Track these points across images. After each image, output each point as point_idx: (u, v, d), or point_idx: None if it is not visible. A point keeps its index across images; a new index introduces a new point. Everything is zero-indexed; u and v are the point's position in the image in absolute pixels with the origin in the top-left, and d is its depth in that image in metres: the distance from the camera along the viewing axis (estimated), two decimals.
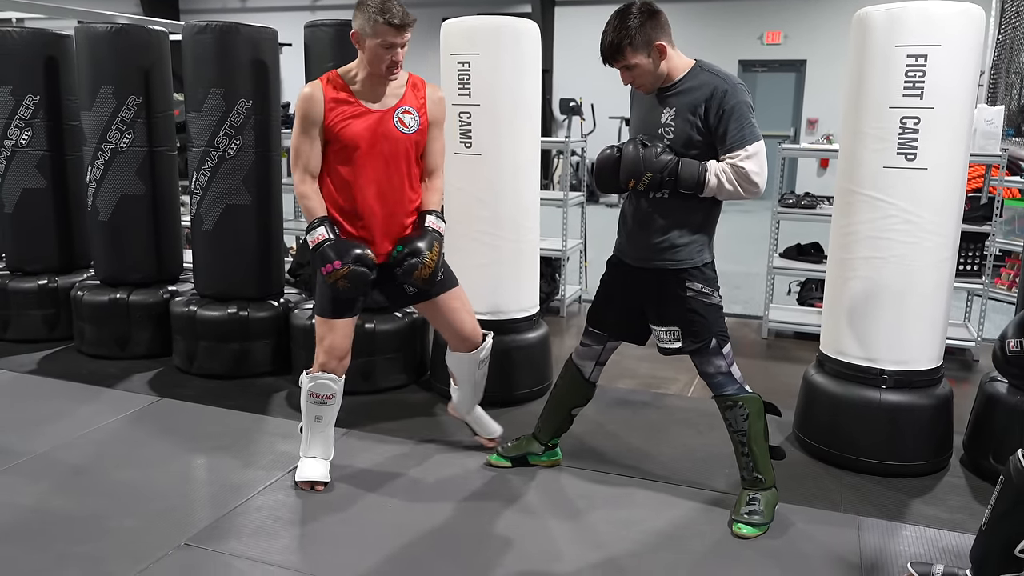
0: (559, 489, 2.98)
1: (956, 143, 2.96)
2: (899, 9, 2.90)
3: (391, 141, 2.74)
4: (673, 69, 2.55)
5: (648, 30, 2.48)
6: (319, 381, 2.87)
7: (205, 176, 3.99)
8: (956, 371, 4.45)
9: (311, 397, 2.89)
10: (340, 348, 2.85)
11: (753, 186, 2.49)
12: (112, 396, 3.85)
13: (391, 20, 2.56)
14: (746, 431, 2.67)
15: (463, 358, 3.11)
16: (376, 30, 2.58)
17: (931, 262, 3.01)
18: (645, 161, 2.51)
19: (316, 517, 2.76)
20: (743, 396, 2.67)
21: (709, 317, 2.64)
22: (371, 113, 2.71)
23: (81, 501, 2.84)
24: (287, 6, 15.28)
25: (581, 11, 13.99)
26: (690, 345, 2.66)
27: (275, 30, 4.12)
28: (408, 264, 2.74)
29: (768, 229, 5.07)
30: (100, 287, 4.39)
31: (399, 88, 2.77)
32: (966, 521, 2.76)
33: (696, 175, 2.50)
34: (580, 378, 2.97)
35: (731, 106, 2.46)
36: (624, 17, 2.49)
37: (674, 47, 2.55)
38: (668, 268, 2.62)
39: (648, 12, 2.50)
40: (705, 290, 2.63)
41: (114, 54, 4.14)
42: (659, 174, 2.50)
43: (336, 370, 2.87)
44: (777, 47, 13.26)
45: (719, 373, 2.67)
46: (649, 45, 2.49)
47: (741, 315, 5.63)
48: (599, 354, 2.93)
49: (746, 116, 2.48)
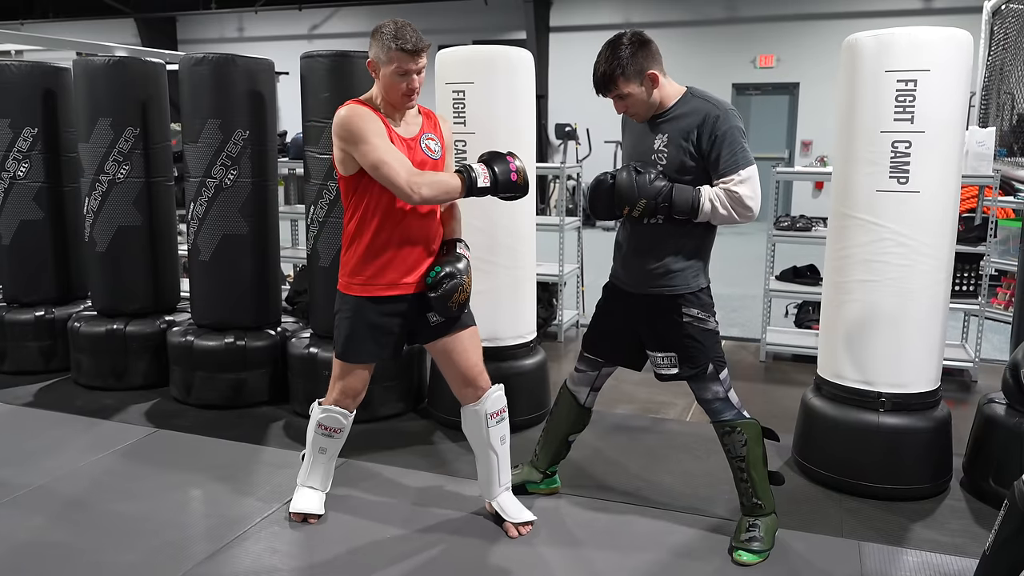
0: (558, 517, 2.97)
1: (948, 166, 2.98)
2: (888, 35, 2.93)
3: (424, 167, 2.64)
4: (665, 97, 2.57)
5: (640, 59, 2.51)
6: (330, 414, 2.83)
7: (202, 206, 4.01)
8: (955, 392, 4.45)
9: (319, 428, 2.86)
10: (355, 389, 2.80)
11: (747, 210, 2.51)
12: (109, 428, 3.83)
13: (404, 46, 2.50)
14: (744, 457, 2.66)
15: (468, 413, 2.83)
16: (391, 57, 2.52)
17: (926, 284, 3.02)
18: (639, 187, 2.52)
19: (314, 549, 2.74)
20: (741, 422, 2.66)
21: (706, 343, 2.64)
22: (403, 140, 2.62)
23: (78, 535, 2.82)
24: (284, 35, 15.44)
25: (576, 37, 14.13)
26: (687, 371, 2.66)
27: (271, 61, 4.16)
28: (448, 286, 2.60)
29: (764, 251, 5.09)
30: (97, 318, 4.39)
31: (415, 115, 2.70)
32: (968, 545, 2.74)
33: (690, 201, 2.51)
34: (575, 405, 2.96)
35: (723, 131, 2.48)
36: (615, 48, 2.52)
37: (665, 75, 2.58)
38: (664, 294, 2.63)
39: (639, 42, 2.52)
40: (701, 315, 2.63)
41: (111, 86, 4.17)
42: (653, 200, 2.52)
43: (349, 407, 2.83)
44: (770, 70, 13.39)
45: (716, 399, 2.67)
46: (641, 74, 2.51)
47: (739, 338, 5.63)
48: (594, 380, 2.93)
49: (738, 141, 2.50)
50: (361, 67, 3.68)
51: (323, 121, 3.70)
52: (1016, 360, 2.96)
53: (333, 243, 3.76)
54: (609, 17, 13.82)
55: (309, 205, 3.87)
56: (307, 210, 3.89)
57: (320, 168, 3.76)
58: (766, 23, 13.20)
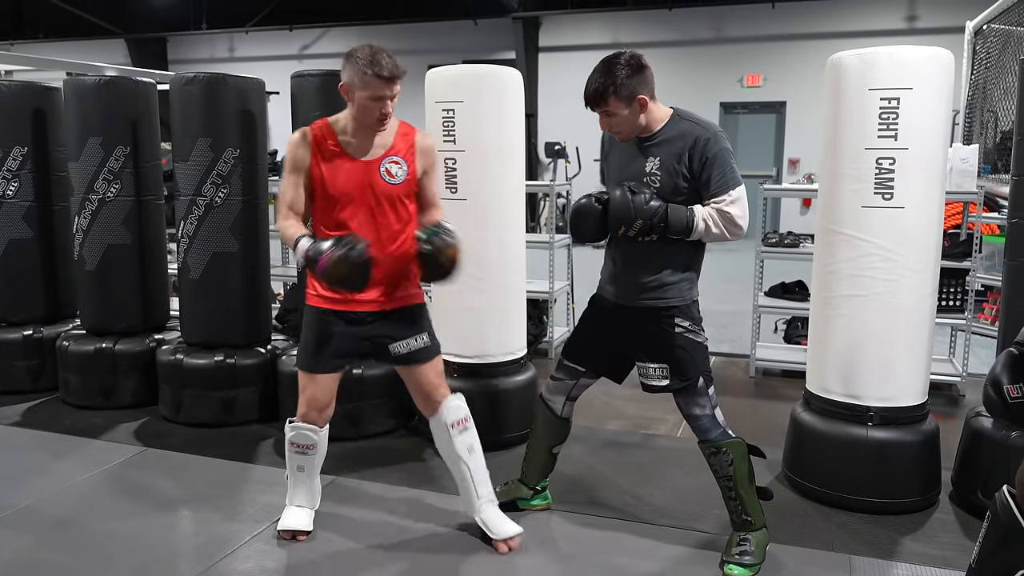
0: (548, 533, 2.96)
1: (932, 182, 3.02)
2: (871, 54, 2.98)
3: (377, 192, 2.67)
4: (652, 120, 2.61)
5: (634, 83, 2.54)
6: (299, 431, 2.84)
7: (192, 224, 4.01)
8: (943, 406, 4.47)
9: (292, 447, 2.87)
10: (320, 400, 2.79)
11: (738, 228, 2.57)
12: (97, 447, 3.81)
13: (380, 72, 2.52)
14: (732, 476, 2.67)
15: (432, 426, 2.88)
16: (365, 83, 2.54)
17: (912, 299, 3.05)
18: (636, 208, 2.55)
19: (303, 567, 2.72)
20: (727, 442, 2.67)
21: (696, 355, 2.67)
22: (357, 163, 2.66)
23: (65, 555, 2.79)
24: (275, 55, 15.49)
25: (565, 56, 14.23)
26: (677, 383, 2.67)
27: (262, 80, 4.18)
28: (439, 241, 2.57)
29: (753, 268, 5.12)
30: (86, 337, 4.37)
31: (388, 137, 2.71)
32: (956, 558, 2.75)
33: (685, 221, 2.56)
34: (552, 416, 2.97)
35: (714, 153, 2.53)
36: (612, 66, 2.55)
37: (655, 99, 2.61)
38: (659, 306, 2.65)
39: (635, 65, 2.56)
40: (693, 328, 2.67)
41: (101, 105, 4.18)
42: (649, 220, 2.55)
43: (316, 421, 2.82)
44: (757, 89, 13.52)
45: (704, 415, 2.68)
46: (632, 97, 2.55)
47: (729, 354, 5.65)
48: (570, 389, 2.94)
49: (728, 162, 2.56)
50: None
51: None
52: (995, 375, 2.98)
53: None
54: (598, 37, 13.94)
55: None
56: None
57: None
58: (753, 43, 13.34)
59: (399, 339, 2.77)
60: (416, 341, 2.78)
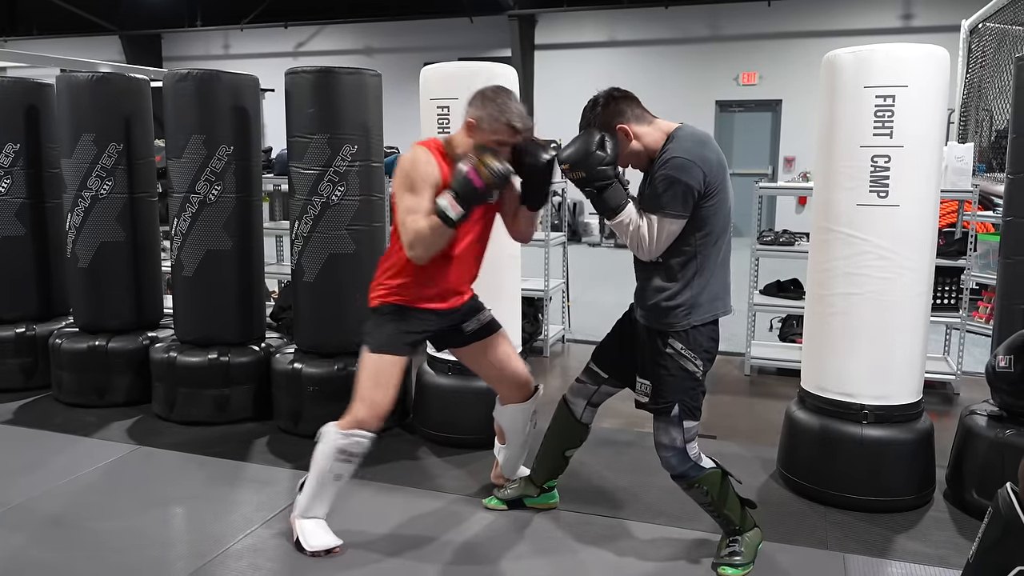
0: (546, 531, 2.96)
1: (927, 180, 3.02)
2: (867, 51, 2.98)
3: (484, 212, 2.78)
4: (650, 144, 2.56)
5: (608, 116, 2.54)
6: (355, 439, 2.70)
7: (186, 222, 3.99)
8: (937, 405, 4.48)
9: (340, 455, 2.70)
10: (385, 405, 2.71)
11: (640, 249, 2.53)
12: (90, 445, 3.79)
13: (513, 123, 2.60)
14: (712, 502, 2.65)
15: (518, 410, 3.03)
16: (495, 128, 2.60)
17: (907, 297, 3.04)
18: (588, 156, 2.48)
19: (297, 565, 2.71)
20: (699, 477, 2.62)
21: (681, 381, 2.57)
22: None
23: (58, 553, 2.78)
24: (270, 52, 15.44)
25: (560, 54, 14.22)
26: (652, 404, 2.63)
27: (256, 77, 4.16)
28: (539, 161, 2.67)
29: (748, 266, 5.12)
30: (79, 334, 4.35)
31: None
32: (951, 556, 2.76)
33: (617, 203, 2.52)
34: (571, 418, 2.96)
35: (660, 175, 2.47)
36: (588, 110, 2.59)
37: (649, 121, 2.57)
38: (654, 327, 2.61)
39: (608, 97, 2.57)
40: (686, 353, 2.57)
41: (95, 102, 4.16)
42: (591, 177, 2.49)
43: (374, 427, 2.74)
44: (753, 87, 13.51)
45: (672, 447, 2.60)
46: (612, 130, 2.53)
47: (724, 352, 5.62)
48: (592, 394, 2.92)
49: (668, 188, 2.45)
50: (346, 83, 3.69)
51: (307, 136, 3.70)
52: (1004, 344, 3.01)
53: (318, 259, 3.76)
54: (593, 35, 13.93)
55: (294, 221, 3.86)
56: (292, 226, 3.89)
57: (305, 184, 3.76)
58: (749, 41, 13.34)
59: (470, 319, 2.92)
60: (484, 315, 2.95)
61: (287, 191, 4.06)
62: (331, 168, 3.70)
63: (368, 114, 3.80)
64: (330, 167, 3.70)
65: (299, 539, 2.77)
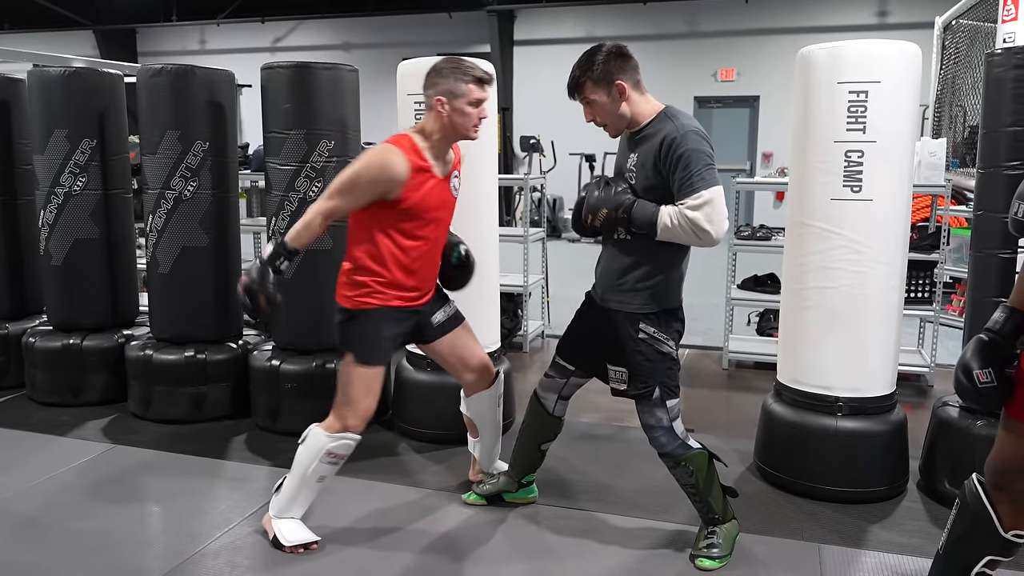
0: (524, 525, 2.97)
1: (899, 175, 3.05)
2: (840, 48, 3.01)
3: (447, 206, 2.77)
4: (638, 113, 2.57)
5: (610, 68, 2.53)
6: (344, 442, 2.73)
7: (161, 218, 3.96)
8: (912, 397, 4.53)
9: (328, 457, 2.72)
10: (373, 409, 2.76)
11: (704, 233, 2.44)
12: (65, 445, 3.76)
13: (477, 75, 2.62)
14: (695, 484, 2.67)
15: (484, 397, 3.06)
16: (465, 91, 2.60)
17: (880, 290, 3.08)
18: (603, 198, 2.55)
19: (275, 563, 2.70)
20: (686, 456, 2.65)
21: (657, 364, 2.60)
22: (439, 181, 2.70)
23: (33, 553, 2.75)
24: (247, 48, 15.32)
25: (540, 50, 14.22)
26: (633, 390, 2.65)
27: (231, 72, 4.13)
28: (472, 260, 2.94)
29: (725, 261, 5.16)
30: (52, 333, 4.30)
31: (451, 152, 2.77)
32: (924, 545, 2.80)
33: (650, 216, 2.50)
34: (543, 413, 2.96)
35: (679, 154, 2.45)
36: (592, 54, 2.56)
37: (643, 92, 2.59)
38: (624, 310, 2.62)
39: (616, 53, 2.55)
40: (659, 336, 2.60)
41: (67, 97, 4.11)
42: (614, 211, 2.54)
43: (360, 430, 2.77)
44: (731, 83, 13.60)
45: (660, 427, 2.63)
46: (609, 83, 2.53)
47: (701, 346, 5.69)
48: (562, 387, 2.93)
49: (697, 163, 2.44)
50: (322, 78, 3.67)
51: (284, 132, 3.68)
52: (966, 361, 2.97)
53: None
54: (572, 31, 13.94)
55: (271, 217, 3.84)
56: (269, 222, 3.87)
57: (282, 180, 3.74)
58: (727, 37, 13.41)
59: (436, 311, 2.92)
60: (449, 307, 2.97)
61: (264, 187, 4.03)
62: (308, 164, 3.69)
63: (345, 110, 3.78)
64: (307, 163, 3.69)
65: (276, 537, 2.76)
